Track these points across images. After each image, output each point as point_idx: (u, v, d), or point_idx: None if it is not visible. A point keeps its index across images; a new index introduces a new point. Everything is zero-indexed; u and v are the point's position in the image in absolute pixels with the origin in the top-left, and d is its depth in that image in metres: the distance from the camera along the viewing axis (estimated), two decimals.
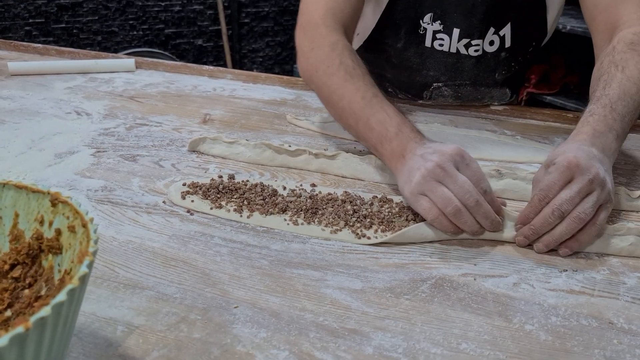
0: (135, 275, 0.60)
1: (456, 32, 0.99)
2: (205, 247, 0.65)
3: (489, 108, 1.09)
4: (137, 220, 0.70)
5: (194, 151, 0.89)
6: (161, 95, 1.14)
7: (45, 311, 0.33)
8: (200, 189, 0.76)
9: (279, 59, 3.14)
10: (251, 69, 3.25)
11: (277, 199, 0.75)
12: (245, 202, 0.74)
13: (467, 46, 1.00)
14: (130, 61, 1.29)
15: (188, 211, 0.73)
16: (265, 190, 0.76)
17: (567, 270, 0.63)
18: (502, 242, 0.68)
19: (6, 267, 0.47)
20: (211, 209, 0.73)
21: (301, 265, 0.63)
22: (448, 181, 0.65)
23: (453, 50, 1.01)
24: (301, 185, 0.79)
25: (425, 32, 1.01)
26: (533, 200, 0.67)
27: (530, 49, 1.05)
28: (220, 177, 0.81)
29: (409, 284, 0.60)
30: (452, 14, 0.98)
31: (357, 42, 1.12)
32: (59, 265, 0.46)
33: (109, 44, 2.82)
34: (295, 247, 0.66)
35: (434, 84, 1.07)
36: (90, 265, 0.38)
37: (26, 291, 0.47)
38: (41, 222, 0.48)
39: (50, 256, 0.47)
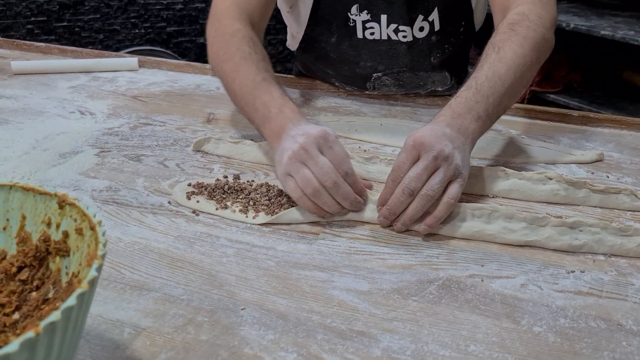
0: (142, 277, 0.60)
1: (384, 18, 1.02)
2: (211, 248, 0.65)
3: None
4: (143, 221, 0.70)
5: (198, 151, 0.89)
6: (165, 95, 1.13)
7: (55, 316, 0.33)
8: (205, 189, 0.76)
9: (281, 57, 3.13)
10: None
11: (282, 199, 0.74)
12: (251, 203, 0.73)
13: (396, 31, 1.03)
14: (133, 60, 1.29)
15: (193, 212, 0.72)
16: (271, 191, 0.76)
17: (574, 272, 0.63)
18: (510, 244, 0.68)
19: (14, 269, 0.47)
20: (217, 209, 0.72)
21: (308, 266, 0.63)
22: (310, 163, 0.67)
23: (384, 37, 1.04)
24: None
25: (355, 24, 1.03)
26: (387, 182, 0.70)
27: (461, 29, 1.06)
28: (226, 177, 0.80)
29: (416, 285, 0.60)
30: (376, 1, 1.01)
31: (295, 43, 1.15)
32: (66, 267, 0.46)
33: (110, 43, 2.81)
34: (301, 247, 0.66)
35: (374, 75, 1.10)
36: (99, 269, 0.38)
37: (34, 294, 0.46)
38: (48, 225, 0.47)
39: (57, 259, 0.47)
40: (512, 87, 0.77)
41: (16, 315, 0.44)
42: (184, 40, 2.98)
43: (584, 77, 2.39)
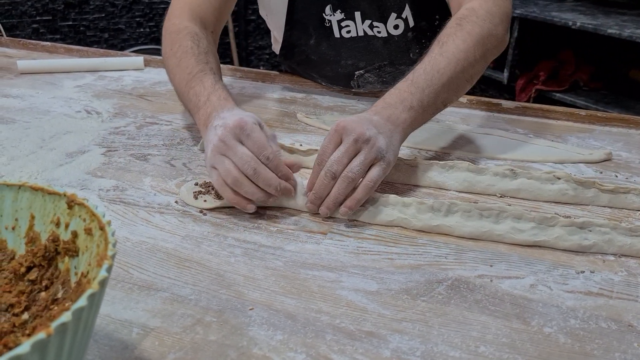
0: (150, 277, 0.60)
1: (358, 14, 1.03)
2: (219, 248, 0.65)
3: (501, 106, 1.08)
4: (150, 220, 0.70)
5: (205, 150, 0.89)
6: (170, 94, 1.13)
7: (66, 317, 0.33)
8: (212, 188, 0.76)
9: None
10: (258, 66, 3.24)
11: None
12: None
13: (371, 27, 1.04)
14: (139, 59, 1.29)
15: (200, 211, 0.72)
16: None
17: (584, 272, 0.63)
18: (518, 244, 0.67)
19: (22, 269, 0.47)
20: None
21: (316, 266, 0.62)
22: (229, 153, 0.68)
23: (361, 33, 1.05)
24: None
25: (331, 24, 1.04)
26: (314, 166, 0.72)
27: (436, 22, 1.07)
28: None
29: (425, 286, 0.60)
30: None
31: (278, 47, 1.15)
32: (75, 267, 0.46)
33: (115, 42, 2.82)
34: (309, 247, 0.66)
35: (356, 72, 1.11)
36: (109, 269, 0.38)
37: (42, 294, 0.46)
38: (57, 224, 0.47)
39: (66, 258, 0.47)
40: (452, 81, 0.78)
41: (25, 316, 0.44)
42: None
43: (591, 76, 2.38)
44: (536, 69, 2.43)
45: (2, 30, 2.36)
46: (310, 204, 0.71)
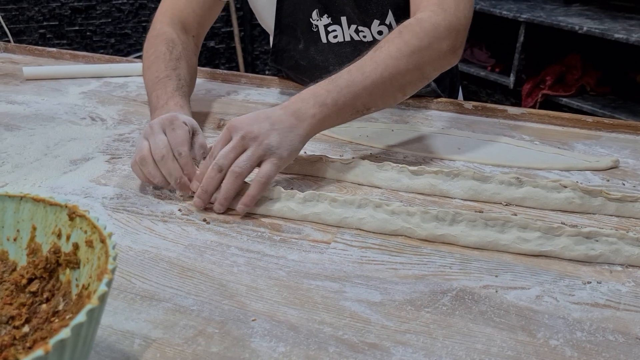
0: (152, 287, 0.60)
1: (344, 19, 1.04)
2: (222, 257, 0.65)
3: (506, 112, 1.07)
4: (153, 229, 0.70)
5: None
6: None
7: (65, 333, 0.32)
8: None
9: None
10: (263, 71, 3.24)
11: None
12: None
13: (357, 32, 1.05)
14: None
15: (204, 219, 0.72)
16: None
17: (590, 282, 0.62)
18: (524, 254, 0.66)
19: (24, 281, 0.47)
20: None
21: (319, 276, 0.62)
22: (150, 138, 0.74)
23: (347, 38, 1.06)
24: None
25: (318, 29, 1.05)
26: (204, 163, 0.75)
27: None
28: None
29: (429, 296, 0.59)
30: (333, 4, 1.02)
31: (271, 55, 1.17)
32: (76, 279, 0.46)
33: (122, 47, 2.83)
34: (312, 257, 0.65)
35: None
36: (109, 284, 0.38)
37: (44, 306, 0.46)
38: (59, 236, 0.47)
39: (67, 270, 0.47)
40: (377, 86, 0.78)
41: (26, 328, 0.44)
42: None
43: (598, 81, 2.37)
44: (543, 74, 2.42)
45: (10, 35, 2.38)
46: (197, 197, 0.72)
